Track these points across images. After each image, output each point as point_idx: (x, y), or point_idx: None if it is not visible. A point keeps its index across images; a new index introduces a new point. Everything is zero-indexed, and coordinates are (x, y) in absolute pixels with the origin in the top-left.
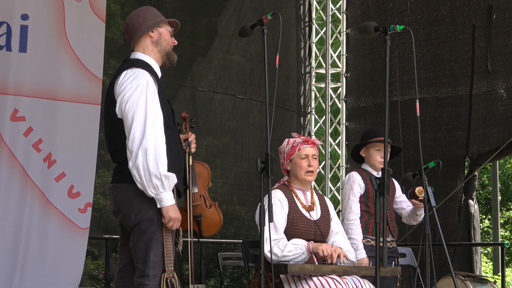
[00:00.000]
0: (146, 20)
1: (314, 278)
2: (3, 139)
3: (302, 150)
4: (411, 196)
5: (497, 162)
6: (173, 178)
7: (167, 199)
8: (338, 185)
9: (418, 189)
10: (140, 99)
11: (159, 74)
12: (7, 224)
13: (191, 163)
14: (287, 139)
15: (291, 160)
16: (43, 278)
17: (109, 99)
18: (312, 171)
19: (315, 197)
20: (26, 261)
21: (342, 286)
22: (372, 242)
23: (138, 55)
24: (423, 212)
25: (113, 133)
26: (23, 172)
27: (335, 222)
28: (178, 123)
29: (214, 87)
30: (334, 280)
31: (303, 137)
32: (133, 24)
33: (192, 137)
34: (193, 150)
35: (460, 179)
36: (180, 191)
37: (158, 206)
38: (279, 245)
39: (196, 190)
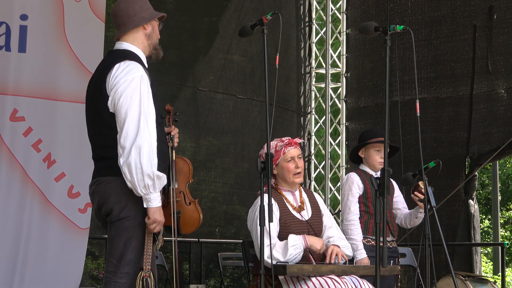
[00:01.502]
0: (142, 11)
1: (313, 279)
2: (2, 139)
3: (287, 153)
4: (413, 190)
5: (497, 162)
6: (164, 180)
7: (155, 200)
8: (338, 185)
9: (421, 182)
10: (134, 93)
11: (146, 65)
12: (7, 224)
13: (173, 158)
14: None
15: (277, 165)
16: (43, 278)
17: (98, 92)
18: (300, 172)
19: (304, 195)
20: (26, 261)
21: (341, 286)
22: (373, 242)
23: (126, 45)
24: (422, 216)
25: (102, 127)
26: (23, 172)
27: (327, 217)
28: (161, 116)
29: (215, 87)
30: (333, 280)
31: (285, 140)
32: (127, 10)
33: (175, 131)
34: (175, 144)
35: (461, 179)
36: (164, 188)
37: (145, 206)
38: (277, 248)
39: (176, 186)
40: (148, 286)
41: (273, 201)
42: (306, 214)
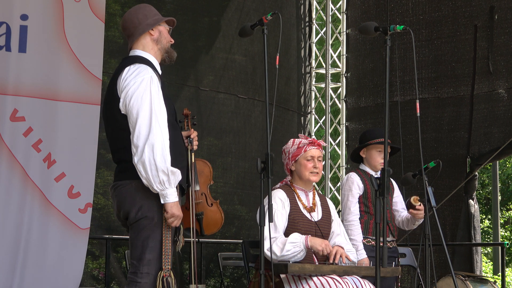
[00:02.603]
0: (146, 18)
1: (314, 278)
2: (3, 140)
3: (308, 151)
4: (408, 207)
5: (497, 162)
6: (178, 175)
7: (172, 195)
8: (338, 185)
9: (414, 198)
10: (144, 94)
11: (159, 71)
12: (7, 224)
13: (193, 161)
14: (292, 140)
15: (296, 161)
16: (43, 278)
17: (111, 96)
18: (317, 172)
19: (317, 198)
20: (26, 261)
21: (342, 286)
22: (373, 242)
23: (138, 52)
24: (420, 222)
25: (117, 130)
26: (23, 173)
27: (336, 224)
28: (180, 120)
29: (216, 87)
30: (334, 280)
31: (309, 139)
32: (133, 21)
33: (194, 134)
34: (195, 147)
35: (463, 179)
36: (183, 189)
37: (162, 202)
38: (277, 242)
39: (197, 188)
40: (169, 286)
41: (284, 196)
42: (316, 215)
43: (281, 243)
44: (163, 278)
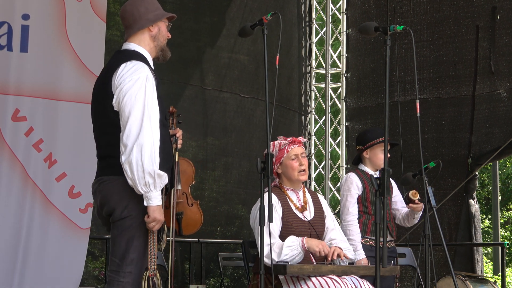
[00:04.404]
0: (147, 12)
1: (313, 278)
2: (4, 139)
3: (291, 151)
4: (407, 201)
5: (497, 162)
6: (165, 178)
7: (155, 199)
8: (338, 185)
9: (411, 193)
10: (139, 93)
11: (152, 67)
12: (7, 224)
13: (177, 160)
14: (271, 143)
15: (281, 163)
16: (43, 278)
17: (103, 91)
18: (304, 170)
19: (308, 196)
20: (26, 261)
21: (341, 286)
22: (371, 242)
23: (133, 46)
24: (420, 215)
25: (106, 125)
26: (23, 172)
27: (329, 219)
28: (166, 117)
29: (219, 86)
30: (333, 280)
31: (288, 138)
32: (133, 13)
33: (179, 133)
34: (179, 146)
35: (464, 179)
36: (167, 189)
37: (145, 204)
38: (274, 248)
39: (179, 187)
40: (155, 286)
41: (276, 199)
42: (309, 214)
43: (277, 248)
44: (149, 278)
